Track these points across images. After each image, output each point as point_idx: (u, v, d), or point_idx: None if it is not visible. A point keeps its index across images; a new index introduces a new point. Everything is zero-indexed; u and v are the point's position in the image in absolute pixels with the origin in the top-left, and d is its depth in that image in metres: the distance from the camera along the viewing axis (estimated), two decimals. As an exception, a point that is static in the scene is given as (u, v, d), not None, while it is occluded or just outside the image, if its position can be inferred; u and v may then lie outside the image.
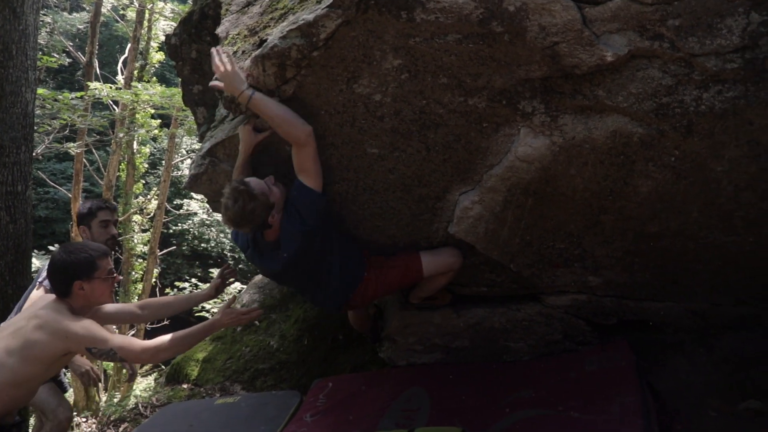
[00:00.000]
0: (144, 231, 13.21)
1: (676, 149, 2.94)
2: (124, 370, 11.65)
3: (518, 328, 4.09)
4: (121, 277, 3.54)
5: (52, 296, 3.19)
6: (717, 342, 4.03)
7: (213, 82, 3.15)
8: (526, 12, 2.66)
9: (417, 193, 3.40)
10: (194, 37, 4.31)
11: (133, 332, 11.68)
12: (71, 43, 14.26)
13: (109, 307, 3.47)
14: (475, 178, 3.25)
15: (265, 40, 3.10)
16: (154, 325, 11.21)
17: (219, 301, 10.05)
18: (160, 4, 12.95)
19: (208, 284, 12.72)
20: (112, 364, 12.19)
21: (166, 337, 3.17)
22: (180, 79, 4.78)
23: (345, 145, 3.26)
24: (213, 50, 3.13)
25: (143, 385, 10.07)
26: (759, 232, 3.22)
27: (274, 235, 3.31)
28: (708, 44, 2.65)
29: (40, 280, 3.85)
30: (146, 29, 13.01)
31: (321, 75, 3.01)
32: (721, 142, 2.88)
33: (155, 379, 9.88)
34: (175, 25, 6.58)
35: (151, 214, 13.26)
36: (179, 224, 18.33)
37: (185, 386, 6.15)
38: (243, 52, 3.25)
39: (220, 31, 3.55)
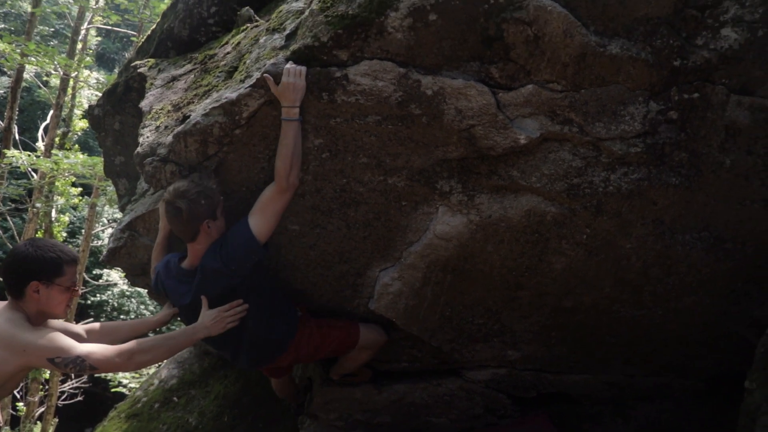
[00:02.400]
0: (60, 302, 12.66)
1: (587, 227, 3.07)
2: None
3: (440, 403, 4.08)
4: (81, 292, 3.07)
5: (2, 303, 2.75)
6: (633, 412, 4.13)
7: (267, 75, 2.79)
8: (443, 96, 2.76)
9: (338, 270, 3.40)
10: (118, 108, 4.27)
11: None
12: (-11, 108, 13.90)
13: (54, 323, 2.97)
14: (395, 255, 3.29)
15: (189, 116, 3.10)
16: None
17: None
18: (86, 73, 12.81)
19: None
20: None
21: (144, 340, 2.81)
22: (102, 150, 4.71)
23: (265, 222, 3.25)
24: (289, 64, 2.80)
25: (52, 466, 9.50)
26: (666, 306, 3.37)
27: (192, 261, 3.09)
28: (613, 129, 2.82)
29: None
30: (70, 97, 12.81)
31: (243, 152, 3.02)
32: (629, 220, 3.03)
33: (65, 461, 9.33)
34: (99, 94, 6.52)
35: (68, 285, 12.75)
36: (98, 295, 17.68)
37: (97, 468, 5.84)
38: (166, 127, 3.24)
39: (143, 104, 3.53)
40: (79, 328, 3.21)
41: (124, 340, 3.25)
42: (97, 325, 3.35)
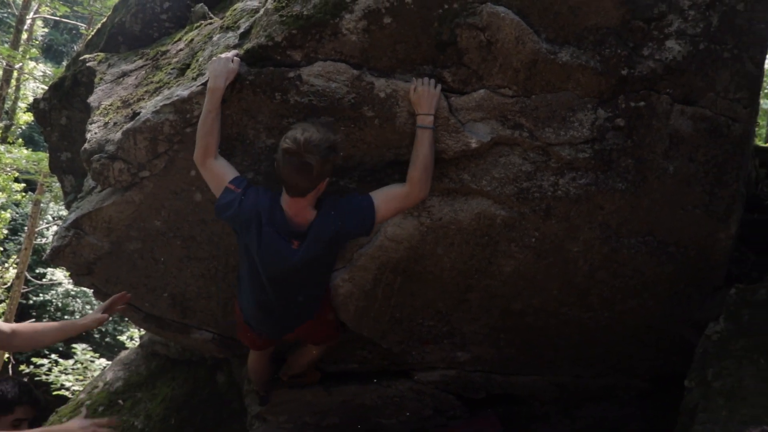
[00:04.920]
0: (-1, 302, 12.33)
1: (536, 231, 3.11)
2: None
3: (390, 404, 4.09)
4: None
5: None
6: (579, 412, 4.21)
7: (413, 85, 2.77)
8: (396, 99, 2.78)
9: (289, 271, 3.38)
10: (65, 103, 4.17)
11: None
12: (-73, 99, 13.39)
13: None
14: (346, 257, 3.27)
15: (139, 113, 3.05)
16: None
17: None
18: (31, 64, 12.46)
19: (72, 360, 11.75)
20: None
21: None
22: (48, 145, 4.60)
23: (215, 222, 3.20)
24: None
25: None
26: (612, 308, 3.44)
27: (294, 216, 2.84)
28: (562, 135, 2.88)
29: None
30: (14, 89, 12.45)
31: (193, 151, 2.98)
32: (577, 225, 3.09)
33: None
34: (45, 87, 6.35)
35: (8, 284, 12.39)
36: (41, 294, 17.18)
37: (38, 473, 5.68)
38: (115, 123, 3.18)
39: (92, 100, 3.46)
40: (7, 327, 3.09)
41: (51, 344, 3.16)
42: (26, 325, 3.25)
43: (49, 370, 10.90)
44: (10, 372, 11.34)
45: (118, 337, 13.84)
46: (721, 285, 3.37)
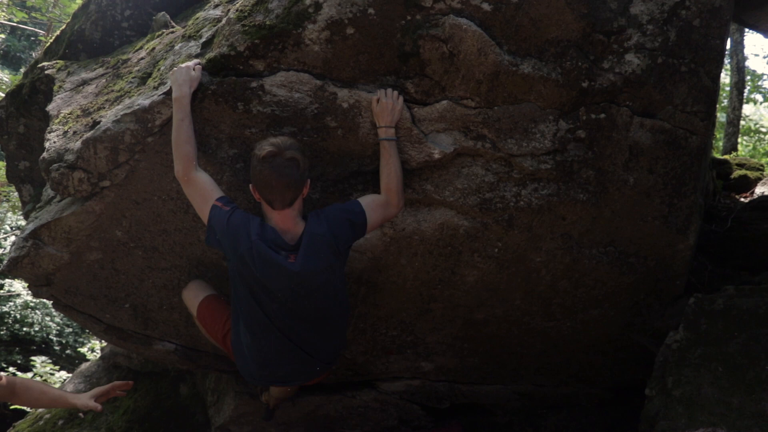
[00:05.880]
0: (-47, 313, 11.99)
1: (499, 241, 3.13)
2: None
3: (354, 414, 4.08)
4: None
5: None
6: (542, 421, 4.24)
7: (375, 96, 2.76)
8: (359, 109, 2.78)
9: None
10: (23, 111, 4.09)
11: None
12: None
13: None
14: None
15: (99, 122, 3.00)
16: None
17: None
18: (-14, 70, 12.18)
19: (31, 373, 11.53)
20: None
21: None
22: (5, 154, 4.50)
23: (178, 232, 3.18)
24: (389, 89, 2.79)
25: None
26: (574, 317, 3.48)
27: (284, 229, 2.72)
28: (525, 146, 2.90)
29: None
30: (-31, 96, 12.16)
31: (155, 161, 2.94)
32: (539, 235, 3.12)
33: (-40, 481, 8.81)
34: (2, 94, 6.22)
35: (-35, 296, 12.09)
36: (-2, 306, 16.82)
37: (-5, 488, 5.55)
38: (74, 132, 3.13)
39: (51, 108, 3.40)
40: (16, 379, 2.81)
41: (49, 407, 2.85)
42: (30, 382, 2.95)
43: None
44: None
45: (79, 349, 13.54)
46: (681, 294, 3.43)
